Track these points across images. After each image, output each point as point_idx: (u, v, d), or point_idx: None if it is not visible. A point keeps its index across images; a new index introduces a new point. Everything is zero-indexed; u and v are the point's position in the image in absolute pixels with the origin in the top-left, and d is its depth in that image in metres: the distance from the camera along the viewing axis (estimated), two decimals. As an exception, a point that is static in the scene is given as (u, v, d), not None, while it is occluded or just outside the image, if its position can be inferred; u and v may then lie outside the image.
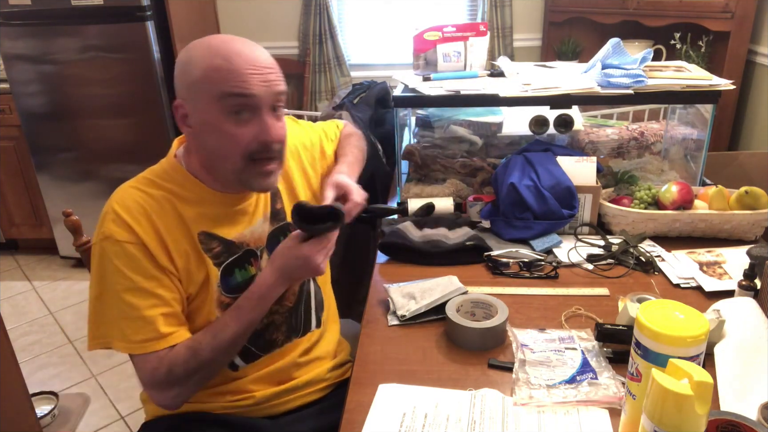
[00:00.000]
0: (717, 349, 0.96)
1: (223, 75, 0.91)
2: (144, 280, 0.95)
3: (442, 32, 1.67)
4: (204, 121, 0.95)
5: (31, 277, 3.04)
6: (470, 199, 1.51)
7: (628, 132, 1.74)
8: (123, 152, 2.85)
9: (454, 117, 1.74)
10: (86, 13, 2.61)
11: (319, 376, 1.16)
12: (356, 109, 1.96)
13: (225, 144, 0.95)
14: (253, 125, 0.94)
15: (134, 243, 0.95)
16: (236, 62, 0.92)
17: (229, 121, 0.93)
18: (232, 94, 0.92)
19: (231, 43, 0.94)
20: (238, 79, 0.91)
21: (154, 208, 0.98)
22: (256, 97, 0.93)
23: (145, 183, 1.01)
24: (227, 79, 0.91)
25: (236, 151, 0.95)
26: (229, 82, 0.91)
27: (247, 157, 0.96)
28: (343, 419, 0.89)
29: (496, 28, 3.13)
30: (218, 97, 0.92)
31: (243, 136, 0.94)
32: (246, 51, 0.94)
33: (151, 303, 0.96)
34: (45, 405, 2.06)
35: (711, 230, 1.37)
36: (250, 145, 0.95)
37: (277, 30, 3.32)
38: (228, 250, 1.04)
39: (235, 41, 0.95)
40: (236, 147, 0.95)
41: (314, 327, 1.18)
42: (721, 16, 2.53)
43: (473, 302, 1.10)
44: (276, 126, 0.96)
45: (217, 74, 0.92)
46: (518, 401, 0.89)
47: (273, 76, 0.95)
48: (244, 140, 0.94)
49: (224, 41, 0.95)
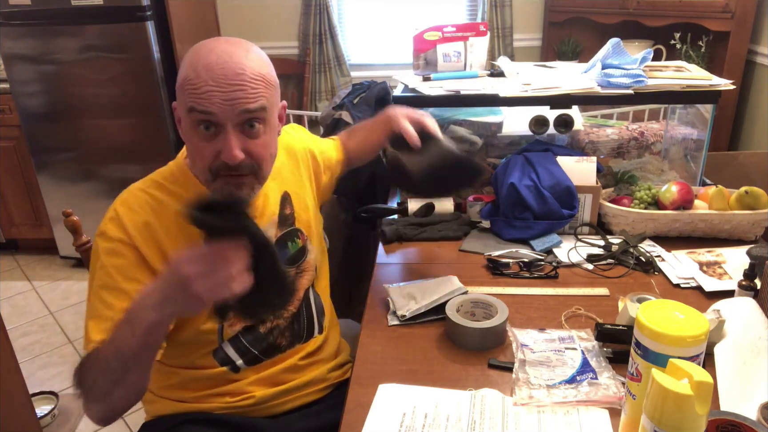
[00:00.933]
0: (717, 349, 0.96)
1: (189, 88, 0.89)
2: (124, 281, 0.94)
3: (442, 32, 1.67)
4: (183, 127, 0.95)
5: (31, 277, 3.04)
6: (470, 199, 1.51)
7: (628, 132, 1.74)
8: (123, 152, 2.85)
9: (454, 117, 1.74)
10: (86, 13, 2.60)
11: (319, 376, 1.16)
12: (356, 109, 1.96)
13: (195, 155, 0.95)
14: (218, 142, 0.91)
15: (125, 243, 0.95)
16: (202, 77, 0.88)
17: (197, 134, 0.92)
18: (194, 110, 0.90)
19: (211, 52, 0.90)
20: (199, 96, 0.89)
21: (156, 211, 0.98)
22: (215, 115, 0.89)
23: (152, 185, 1.02)
24: (192, 93, 0.89)
25: (203, 165, 0.94)
26: (194, 97, 0.89)
27: (213, 172, 0.94)
28: (343, 419, 0.89)
29: (496, 28, 3.13)
30: (187, 108, 0.91)
31: (207, 152, 0.92)
32: (218, 64, 0.88)
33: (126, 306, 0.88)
34: (45, 405, 2.06)
35: (711, 230, 1.37)
36: (214, 162, 0.92)
37: (277, 30, 3.32)
38: None
39: (216, 50, 0.90)
40: (203, 160, 0.93)
41: (317, 333, 1.17)
42: (721, 16, 2.53)
43: (473, 302, 1.10)
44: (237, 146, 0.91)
45: (187, 85, 0.90)
46: (518, 401, 0.89)
47: (241, 93, 0.89)
48: (209, 156, 0.92)
49: (208, 49, 0.91)
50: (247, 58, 0.91)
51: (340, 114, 1.90)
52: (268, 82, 0.94)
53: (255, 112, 0.91)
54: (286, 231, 1.12)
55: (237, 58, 0.90)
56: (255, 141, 0.94)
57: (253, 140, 0.94)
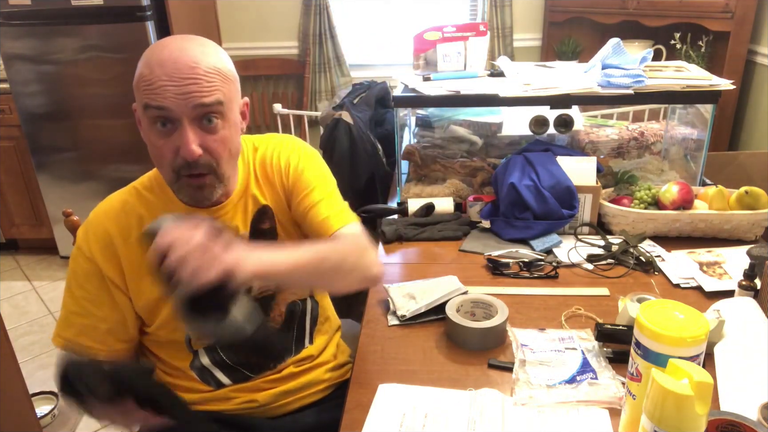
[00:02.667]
0: (717, 349, 0.96)
1: (143, 84, 0.88)
2: (75, 286, 1.00)
3: (442, 32, 1.67)
4: (143, 129, 0.93)
5: (31, 277, 3.04)
6: (470, 199, 1.51)
7: (628, 132, 1.74)
8: (123, 152, 2.85)
9: (454, 117, 1.74)
10: (86, 13, 2.61)
11: (318, 377, 1.16)
12: (356, 109, 1.97)
13: (156, 155, 0.93)
14: (176, 138, 0.89)
15: (83, 253, 0.99)
16: (155, 72, 0.87)
17: (154, 132, 0.91)
18: (149, 106, 0.88)
19: (164, 48, 0.89)
20: (152, 91, 0.87)
21: (123, 223, 0.99)
22: (170, 110, 0.87)
23: (127, 195, 1.03)
24: (146, 90, 0.88)
25: (164, 163, 0.92)
26: (147, 93, 0.88)
27: (176, 171, 0.92)
28: (343, 419, 0.89)
29: (496, 28, 3.13)
30: (143, 106, 0.90)
31: (166, 149, 0.91)
32: (171, 59, 0.87)
33: (76, 309, 0.99)
34: (45, 405, 2.06)
35: (711, 230, 1.37)
36: (175, 161, 0.91)
37: (277, 30, 3.32)
38: None
39: (169, 46, 0.89)
40: (163, 159, 0.92)
41: (307, 344, 1.15)
42: (721, 16, 2.53)
43: (473, 302, 1.10)
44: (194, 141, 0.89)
45: (141, 82, 0.89)
46: (518, 401, 0.89)
47: (195, 87, 0.87)
48: (168, 154, 0.91)
49: (162, 46, 0.90)
50: (202, 52, 0.90)
51: (340, 114, 1.91)
52: (225, 76, 0.92)
53: (211, 106, 0.89)
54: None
55: (190, 53, 0.89)
56: (213, 136, 0.91)
57: (211, 135, 0.91)
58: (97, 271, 0.98)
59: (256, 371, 1.09)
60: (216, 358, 1.06)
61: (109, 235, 0.99)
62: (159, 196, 1.02)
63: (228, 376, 1.07)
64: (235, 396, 1.08)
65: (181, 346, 1.05)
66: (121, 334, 1.02)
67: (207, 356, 1.06)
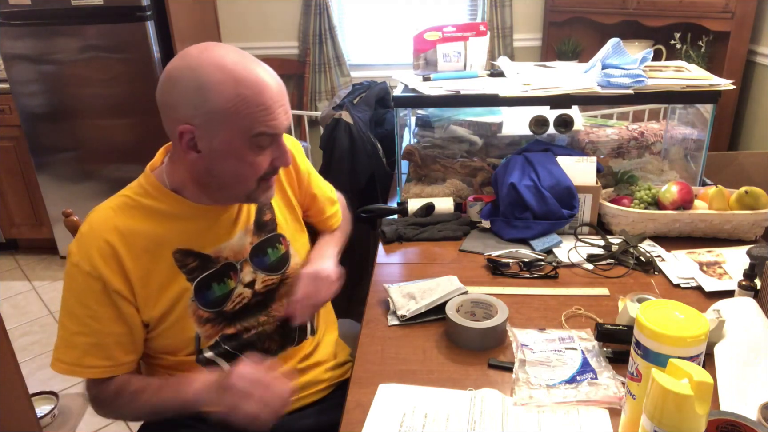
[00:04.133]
0: (717, 349, 0.96)
1: (253, 110, 0.89)
2: (77, 306, 0.97)
3: (442, 32, 1.67)
4: (224, 150, 0.92)
5: (31, 277, 3.04)
6: (470, 199, 1.51)
7: (628, 132, 1.74)
8: (123, 152, 2.85)
9: (454, 117, 1.74)
10: (86, 13, 2.61)
11: (318, 377, 1.16)
12: (356, 109, 1.96)
13: (244, 171, 0.95)
14: (271, 151, 0.96)
15: (82, 269, 0.95)
16: (267, 96, 0.89)
17: (253, 152, 0.93)
18: (264, 134, 0.92)
19: (249, 67, 0.90)
20: (270, 118, 0.91)
21: (125, 238, 0.97)
22: (281, 131, 0.95)
23: (120, 203, 1.00)
24: (260, 117, 0.90)
25: (253, 177, 0.96)
26: (263, 121, 0.90)
27: (260, 180, 0.97)
28: (343, 419, 0.89)
29: (496, 28, 3.13)
30: (248, 132, 0.90)
31: (262, 164, 0.95)
32: (268, 79, 0.91)
33: (78, 329, 0.98)
34: (45, 405, 2.06)
35: (711, 230, 1.37)
36: (266, 170, 0.97)
37: (277, 30, 3.32)
38: (204, 264, 1.02)
39: (248, 62, 0.90)
40: (255, 173, 0.96)
41: (309, 335, 1.17)
42: (721, 16, 2.53)
43: (473, 302, 1.10)
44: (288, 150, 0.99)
45: (247, 109, 0.88)
46: (518, 401, 0.89)
47: (287, 104, 0.95)
48: (263, 167, 0.96)
49: (238, 63, 0.89)
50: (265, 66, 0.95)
51: (340, 114, 1.91)
52: None
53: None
54: (265, 237, 1.10)
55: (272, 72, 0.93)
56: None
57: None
58: (99, 286, 0.96)
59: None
60: (220, 350, 1.07)
61: (111, 246, 0.96)
62: (163, 200, 1.00)
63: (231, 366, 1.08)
64: None
65: (189, 342, 1.04)
66: (128, 346, 1.01)
67: (211, 351, 1.06)
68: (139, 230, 0.98)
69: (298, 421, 1.12)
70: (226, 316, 1.06)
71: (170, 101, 0.91)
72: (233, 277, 1.06)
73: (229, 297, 1.05)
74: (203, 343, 1.05)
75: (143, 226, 0.99)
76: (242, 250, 1.07)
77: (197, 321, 1.03)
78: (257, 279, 1.08)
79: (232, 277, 1.06)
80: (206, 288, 1.03)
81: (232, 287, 1.05)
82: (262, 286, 1.09)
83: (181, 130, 0.90)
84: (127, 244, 0.97)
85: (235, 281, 1.06)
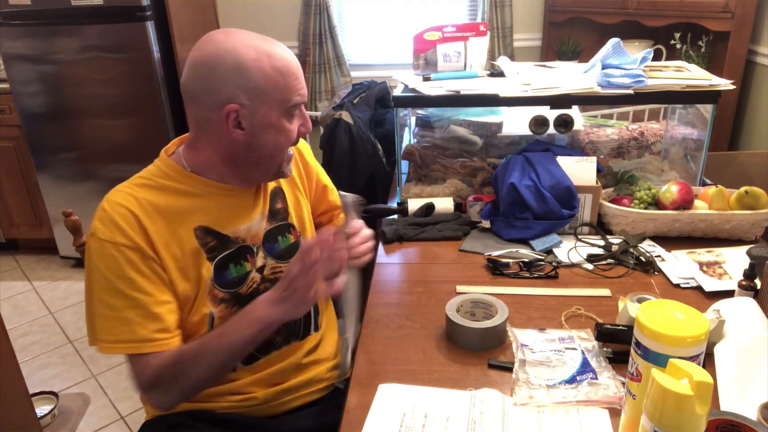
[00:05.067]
0: (717, 349, 0.96)
1: (287, 83, 0.97)
2: (118, 280, 0.95)
3: (442, 32, 1.67)
4: (265, 123, 0.99)
5: (31, 277, 3.04)
6: (470, 199, 1.51)
7: (628, 132, 1.74)
8: (123, 152, 2.85)
9: (454, 117, 1.74)
10: (86, 13, 2.60)
11: (318, 376, 1.16)
12: (356, 109, 1.97)
13: (283, 140, 1.02)
14: (298, 118, 1.04)
15: (113, 243, 0.95)
16: (294, 68, 0.99)
17: (288, 121, 1.01)
18: (298, 103, 1.00)
19: (273, 44, 0.99)
20: (300, 87, 1.00)
21: (144, 208, 0.98)
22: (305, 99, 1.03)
23: (138, 184, 1.02)
24: (292, 88, 0.98)
25: (288, 145, 1.04)
26: (296, 90, 0.99)
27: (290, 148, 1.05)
28: (343, 419, 0.89)
29: (496, 28, 3.13)
30: (285, 103, 0.98)
31: (295, 130, 1.03)
32: (291, 54, 1.00)
33: (125, 304, 0.95)
34: (45, 405, 2.06)
35: (711, 230, 1.37)
36: (296, 139, 1.05)
37: (277, 30, 3.32)
38: (222, 244, 1.04)
39: (269, 40, 0.99)
40: (290, 140, 1.03)
41: (313, 330, 1.18)
42: (721, 16, 2.53)
43: (473, 302, 1.10)
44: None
45: (283, 81, 0.97)
46: (518, 401, 0.89)
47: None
48: (296, 133, 1.04)
49: (264, 41, 0.98)
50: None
51: (340, 114, 1.91)
52: None
53: None
54: (276, 225, 1.12)
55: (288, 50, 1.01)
56: None
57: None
58: (137, 256, 0.95)
59: (263, 351, 1.10)
60: None
61: (133, 213, 0.97)
62: (185, 181, 1.02)
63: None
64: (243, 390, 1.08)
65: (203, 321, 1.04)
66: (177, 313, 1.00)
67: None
68: (159, 203, 1.00)
69: (298, 421, 1.12)
70: (240, 299, 1.06)
71: (209, 86, 0.95)
72: (249, 260, 1.07)
73: (245, 280, 1.06)
74: (216, 324, 1.05)
75: (165, 200, 1.00)
76: (258, 235, 1.09)
77: (212, 300, 1.04)
78: (267, 265, 1.10)
79: (249, 260, 1.07)
80: (224, 268, 1.04)
81: (248, 270, 1.07)
82: (270, 272, 1.10)
83: (228, 110, 0.95)
84: (146, 212, 0.98)
85: (251, 264, 1.07)
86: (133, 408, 2.09)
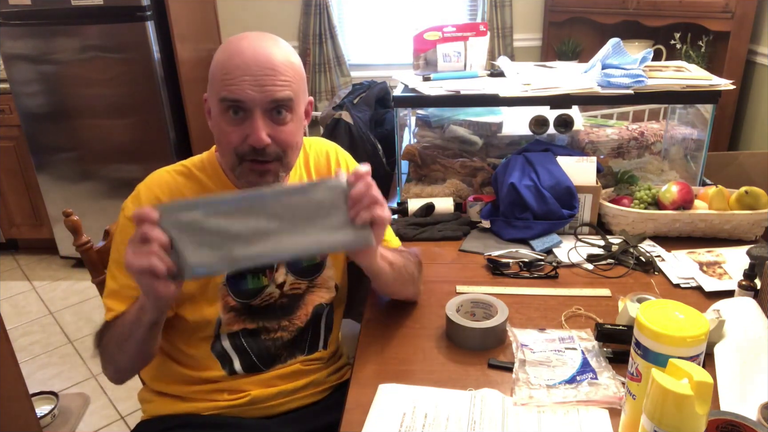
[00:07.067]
0: (717, 349, 0.96)
1: (221, 76, 0.93)
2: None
3: (442, 32, 1.67)
4: (213, 115, 0.98)
5: (31, 277, 3.04)
6: (470, 199, 1.51)
7: (628, 132, 1.74)
8: (123, 152, 2.85)
9: (454, 117, 1.74)
10: (86, 13, 2.60)
11: (321, 378, 1.16)
12: (356, 109, 1.97)
13: (222, 139, 0.97)
14: (246, 126, 0.94)
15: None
16: (233, 63, 0.92)
17: (225, 119, 0.95)
18: (225, 99, 0.93)
19: (242, 41, 0.94)
20: (230, 83, 0.91)
21: (175, 195, 1.02)
22: (245, 102, 0.92)
23: (178, 170, 1.06)
24: (224, 81, 0.92)
25: (229, 148, 0.96)
26: (225, 85, 0.92)
27: (239, 156, 0.96)
28: (343, 419, 0.89)
29: (496, 28, 3.13)
30: (218, 95, 0.94)
31: (234, 136, 0.94)
32: (249, 52, 0.92)
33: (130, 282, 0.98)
34: (45, 405, 2.06)
35: (711, 230, 1.37)
36: (241, 147, 0.95)
37: (277, 30, 3.29)
38: None
39: (247, 39, 0.94)
40: (229, 144, 0.96)
41: (321, 348, 1.16)
42: (721, 16, 2.53)
43: (473, 302, 1.10)
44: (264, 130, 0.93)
45: (219, 73, 0.93)
46: (518, 401, 0.89)
47: (270, 80, 0.92)
48: (235, 140, 0.95)
49: (239, 39, 0.95)
50: (278, 47, 0.95)
51: (340, 114, 1.91)
52: (297, 72, 0.97)
53: (283, 100, 0.94)
54: None
55: (268, 49, 0.93)
56: (282, 128, 0.96)
57: (280, 127, 0.96)
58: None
59: (268, 364, 1.10)
60: (237, 343, 1.07)
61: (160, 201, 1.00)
62: (212, 177, 1.05)
63: (242, 364, 1.08)
64: (240, 388, 1.08)
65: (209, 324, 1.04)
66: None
67: (229, 340, 1.07)
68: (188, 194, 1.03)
69: (295, 423, 1.11)
70: (252, 311, 1.06)
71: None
72: (268, 274, 1.07)
73: (260, 293, 1.06)
74: (223, 329, 1.06)
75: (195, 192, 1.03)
76: None
77: (224, 306, 1.04)
78: (287, 281, 1.09)
79: (267, 274, 1.07)
80: (241, 277, 1.04)
81: (265, 284, 1.07)
82: (289, 288, 1.09)
83: (204, 98, 1.00)
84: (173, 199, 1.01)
85: (269, 279, 1.07)
86: (132, 408, 2.09)
